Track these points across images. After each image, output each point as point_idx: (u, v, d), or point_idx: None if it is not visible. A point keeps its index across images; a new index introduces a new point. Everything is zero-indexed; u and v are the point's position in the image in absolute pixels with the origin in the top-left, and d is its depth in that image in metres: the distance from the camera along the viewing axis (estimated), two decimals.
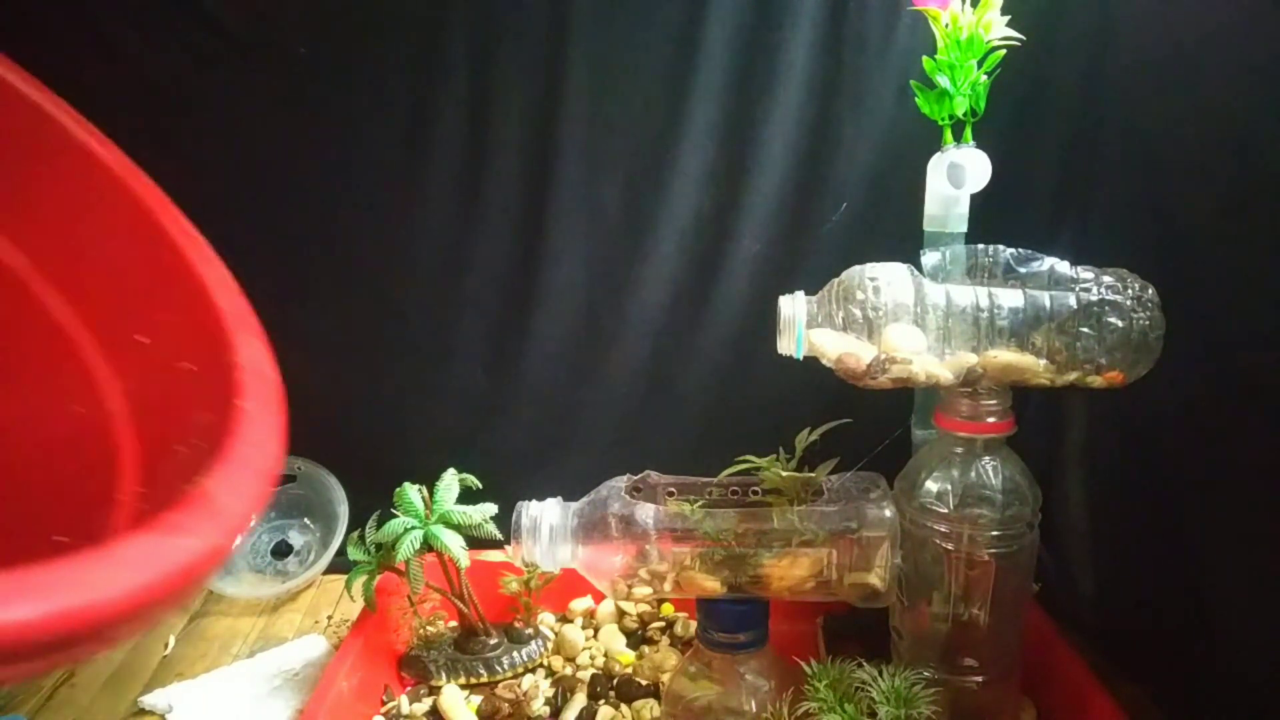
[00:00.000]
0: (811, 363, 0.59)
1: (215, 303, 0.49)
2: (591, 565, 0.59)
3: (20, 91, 0.52)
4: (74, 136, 0.51)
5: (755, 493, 0.62)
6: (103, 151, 0.52)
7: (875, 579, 0.57)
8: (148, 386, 0.50)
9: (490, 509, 0.74)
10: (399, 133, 0.82)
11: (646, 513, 0.58)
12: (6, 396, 0.51)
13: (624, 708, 0.70)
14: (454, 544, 0.71)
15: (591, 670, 0.76)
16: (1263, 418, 0.57)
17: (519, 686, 0.73)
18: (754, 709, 0.58)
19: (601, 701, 0.71)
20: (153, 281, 0.50)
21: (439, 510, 0.72)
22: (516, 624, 0.79)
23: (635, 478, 0.63)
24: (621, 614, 0.82)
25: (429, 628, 0.77)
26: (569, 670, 0.76)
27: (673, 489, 0.62)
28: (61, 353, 0.51)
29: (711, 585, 0.58)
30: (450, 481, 0.74)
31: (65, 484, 0.49)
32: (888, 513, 0.57)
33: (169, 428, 0.48)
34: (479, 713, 0.71)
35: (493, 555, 0.81)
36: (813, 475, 0.61)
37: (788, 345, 0.58)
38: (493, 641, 0.76)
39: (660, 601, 0.83)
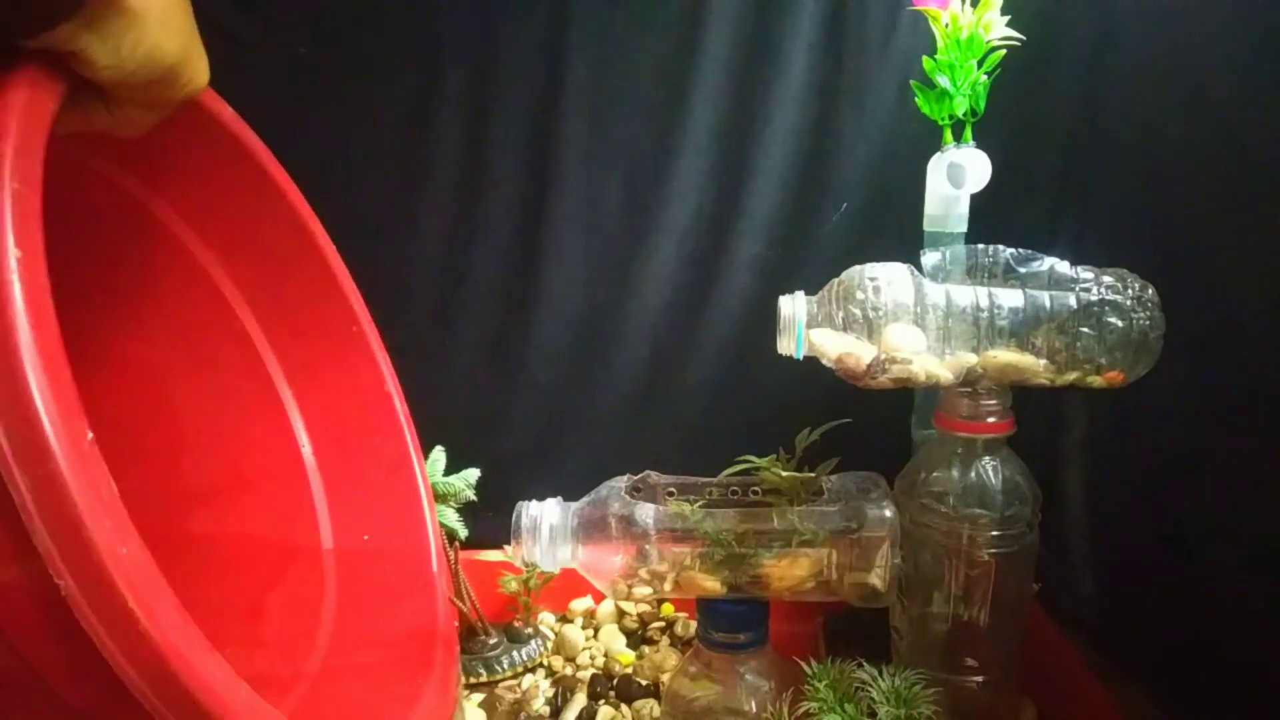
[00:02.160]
0: (811, 363, 0.59)
1: (428, 541, 0.64)
2: (591, 565, 0.59)
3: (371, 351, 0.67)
4: (393, 402, 0.66)
5: (755, 493, 0.62)
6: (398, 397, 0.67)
7: (875, 579, 0.57)
8: (359, 572, 0.63)
9: (473, 473, 0.76)
10: (399, 132, 0.82)
11: (646, 513, 0.58)
12: (258, 517, 0.64)
13: (624, 708, 0.70)
14: (448, 517, 0.72)
15: (591, 670, 0.76)
16: (1263, 417, 0.57)
17: (519, 686, 0.73)
18: (754, 709, 0.58)
19: (601, 701, 0.71)
20: (393, 512, 0.64)
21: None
22: (516, 624, 0.79)
23: (635, 478, 0.63)
24: (621, 614, 0.82)
25: None
26: (569, 670, 0.76)
27: (673, 489, 0.62)
28: (303, 512, 0.64)
29: (711, 585, 0.58)
30: (437, 455, 0.75)
31: (279, 605, 0.61)
32: (888, 513, 0.57)
33: (369, 605, 0.61)
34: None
35: (491, 555, 0.81)
36: (813, 475, 0.61)
37: (788, 345, 0.58)
38: (492, 641, 0.76)
39: (660, 601, 0.83)
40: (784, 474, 0.60)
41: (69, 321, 0.34)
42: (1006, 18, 0.60)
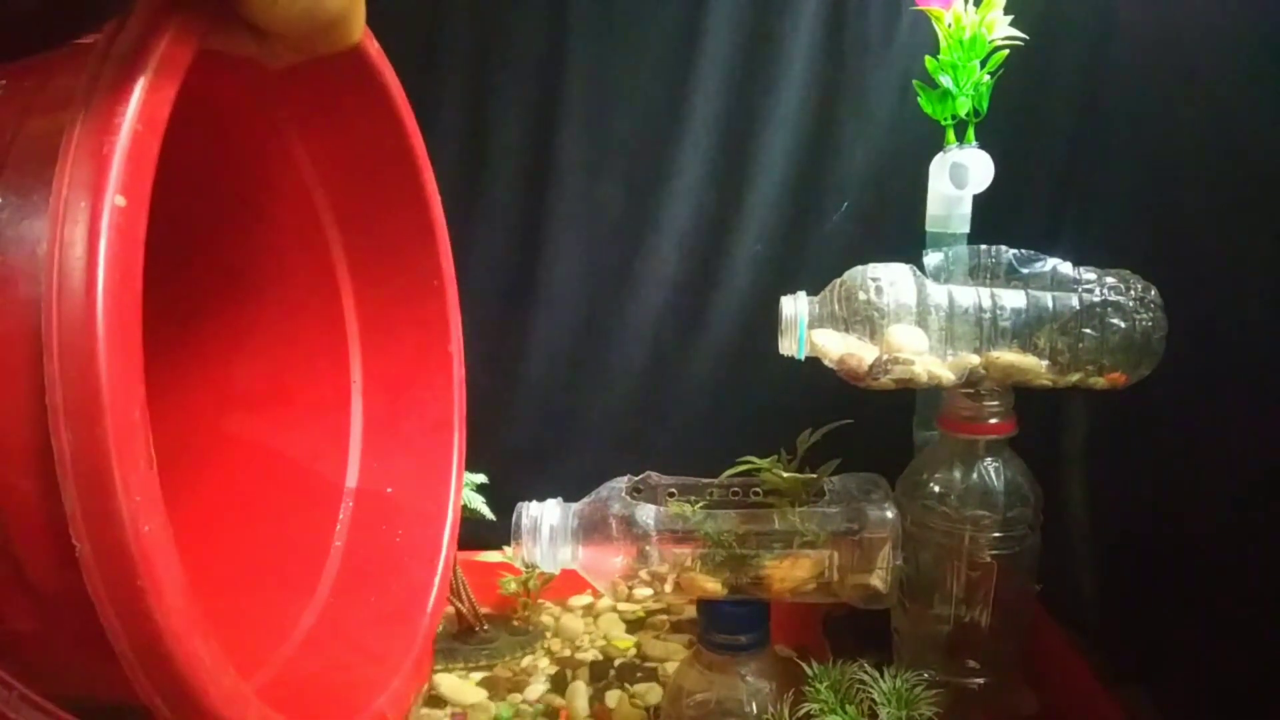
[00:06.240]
0: (813, 363, 0.59)
1: (446, 512, 0.61)
2: (592, 566, 0.59)
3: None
4: (451, 363, 0.64)
5: (756, 494, 0.61)
6: (458, 360, 0.65)
7: (877, 580, 0.57)
8: (372, 525, 0.62)
9: (479, 477, 0.76)
10: None
11: (647, 514, 0.58)
12: (292, 437, 0.63)
13: (627, 688, 0.70)
14: (474, 499, 0.73)
15: (593, 653, 0.76)
16: (1264, 418, 0.57)
17: (518, 665, 0.73)
18: (755, 710, 0.58)
19: (603, 683, 0.71)
20: (422, 473, 0.63)
21: None
22: (515, 622, 0.78)
23: (636, 478, 0.62)
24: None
25: None
26: (568, 652, 0.77)
27: (673, 490, 0.62)
28: (337, 446, 0.63)
29: (712, 587, 0.58)
30: None
31: (291, 539, 0.61)
32: (889, 514, 0.57)
33: (372, 567, 0.60)
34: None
35: (491, 556, 0.81)
36: (814, 476, 0.60)
37: (789, 346, 0.58)
38: (490, 634, 0.76)
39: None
40: (785, 475, 0.60)
41: (157, 192, 0.33)
42: (1009, 17, 0.60)
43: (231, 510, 0.60)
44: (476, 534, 0.78)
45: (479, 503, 0.73)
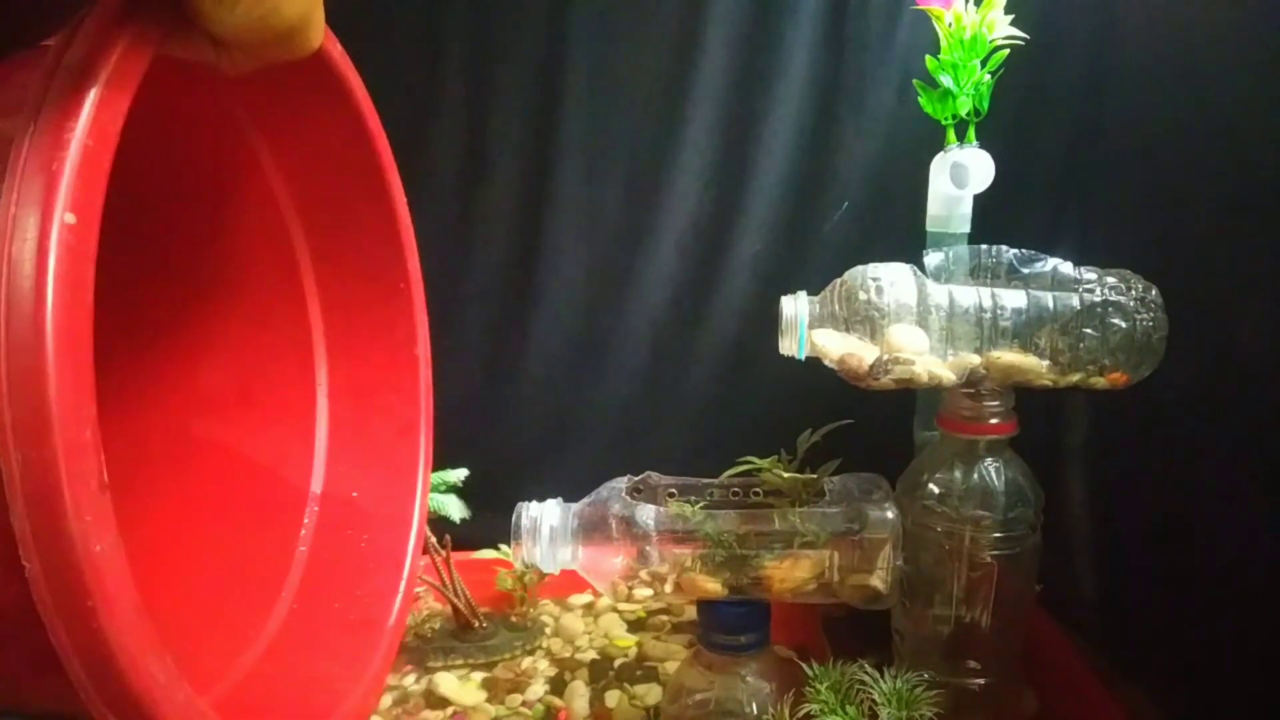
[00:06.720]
0: (813, 363, 0.59)
1: (412, 517, 0.62)
2: (592, 567, 0.59)
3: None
4: (418, 365, 0.64)
5: (756, 494, 0.61)
6: (425, 362, 0.65)
7: (877, 581, 0.57)
8: (337, 531, 0.63)
9: (461, 473, 0.76)
10: (398, 134, 0.81)
11: (647, 514, 0.58)
12: (258, 439, 0.63)
13: (627, 688, 0.70)
14: (446, 503, 0.73)
15: (592, 653, 0.76)
16: (1265, 419, 0.57)
17: (518, 667, 0.73)
18: (755, 711, 0.57)
19: (603, 683, 0.71)
20: (389, 477, 0.64)
21: None
22: (513, 618, 0.78)
23: (636, 479, 0.62)
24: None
25: (431, 626, 0.77)
26: (568, 652, 0.76)
27: (673, 490, 0.62)
28: (303, 449, 0.64)
29: (712, 587, 0.58)
30: None
31: (255, 545, 0.61)
32: (889, 514, 0.57)
33: (337, 572, 0.61)
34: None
35: (488, 554, 0.81)
36: (814, 476, 0.60)
37: (790, 346, 0.58)
38: (489, 629, 0.76)
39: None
40: (785, 475, 0.60)
41: (125, 197, 0.32)
42: (1010, 17, 0.60)
43: (196, 516, 0.60)
44: (475, 533, 0.78)
45: (451, 506, 0.73)
